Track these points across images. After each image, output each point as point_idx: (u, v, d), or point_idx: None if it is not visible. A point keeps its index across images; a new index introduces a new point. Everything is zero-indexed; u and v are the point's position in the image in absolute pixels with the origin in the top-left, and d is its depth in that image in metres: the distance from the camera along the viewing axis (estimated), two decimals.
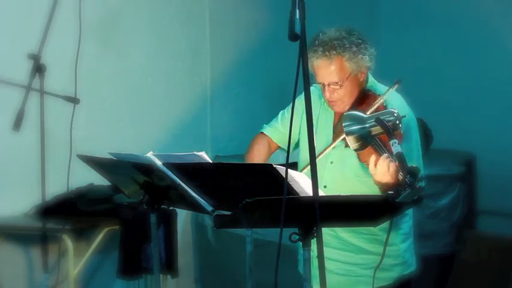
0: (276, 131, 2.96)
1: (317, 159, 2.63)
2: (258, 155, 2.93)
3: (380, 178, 2.38)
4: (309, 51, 2.64)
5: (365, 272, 2.76)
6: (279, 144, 2.97)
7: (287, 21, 2.00)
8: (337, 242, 2.80)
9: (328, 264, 2.15)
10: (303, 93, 2.06)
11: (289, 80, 2.08)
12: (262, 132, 3.00)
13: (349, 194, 2.46)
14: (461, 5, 5.38)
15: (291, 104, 2.14)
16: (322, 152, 2.69)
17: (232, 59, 5.17)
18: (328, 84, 2.68)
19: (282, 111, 3.01)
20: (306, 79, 2.04)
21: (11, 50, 4.08)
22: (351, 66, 2.66)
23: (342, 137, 2.63)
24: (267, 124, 3.02)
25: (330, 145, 2.72)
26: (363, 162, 2.54)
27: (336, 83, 2.66)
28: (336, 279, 2.75)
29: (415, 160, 2.62)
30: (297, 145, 2.92)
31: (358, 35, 2.69)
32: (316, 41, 2.67)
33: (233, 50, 5.18)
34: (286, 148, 2.93)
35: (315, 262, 2.14)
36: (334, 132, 2.77)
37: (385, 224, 2.47)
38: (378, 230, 2.65)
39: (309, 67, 2.66)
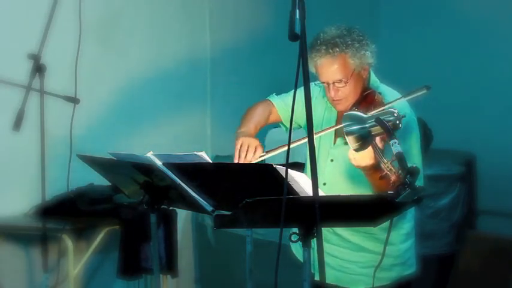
0: (282, 103, 2.93)
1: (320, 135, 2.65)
2: (256, 115, 2.89)
3: (358, 162, 2.37)
4: (311, 51, 2.65)
5: (363, 271, 2.75)
6: (280, 117, 2.94)
7: (287, 21, 1.99)
8: (336, 238, 2.80)
9: (326, 258, 2.14)
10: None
11: (289, 80, 2.08)
12: (268, 100, 2.97)
13: (349, 194, 2.45)
14: (461, 5, 5.38)
15: (302, 89, 2.07)
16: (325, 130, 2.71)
17: (232, 58, 5.17)
18: (333, 83, 2.68)
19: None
20: (306, 79, 2.03)
21: (11, 50, 4.08)
22: (355, 63, 2.65)
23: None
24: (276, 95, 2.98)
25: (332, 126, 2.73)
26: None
27: (341, 80, 2.66)
28: (333, 274, 2.75)
29: (416, 160, 2.62)
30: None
31: (358, 32, 2.69)
32: (318, 41, 2.67)
33: (233, 50, 5.18)
34: (285, 125, 2.94)
35: (314, 254, 2.12)
36: (336, 132, 2.77)
37: (385, 224, 2.46)
38: (378, 229, 2.63)
39: (312, 68, 2.66)
